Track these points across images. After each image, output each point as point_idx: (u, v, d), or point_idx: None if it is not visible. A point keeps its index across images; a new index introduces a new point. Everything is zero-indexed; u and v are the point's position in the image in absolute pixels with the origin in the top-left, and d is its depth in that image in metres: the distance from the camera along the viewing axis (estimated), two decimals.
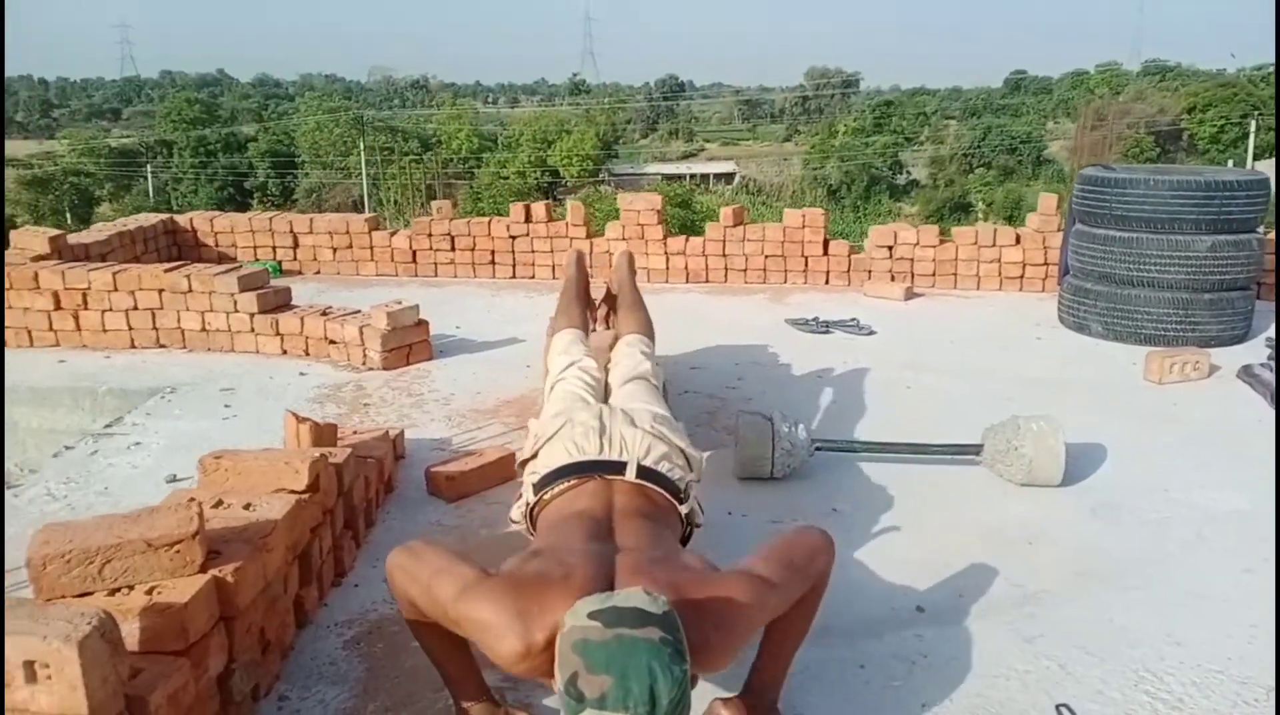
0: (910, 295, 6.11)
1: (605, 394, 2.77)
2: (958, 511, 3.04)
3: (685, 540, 2.28)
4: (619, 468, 2.20)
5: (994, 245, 6.27)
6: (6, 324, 4.70)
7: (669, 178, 42.03)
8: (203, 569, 1.84)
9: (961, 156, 43.31)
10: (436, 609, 1.79)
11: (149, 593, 1.77)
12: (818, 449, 3.29)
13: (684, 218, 19.58)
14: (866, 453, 3.36)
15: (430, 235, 6.50)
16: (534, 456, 2.36)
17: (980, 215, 34.91)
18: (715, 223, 6.59)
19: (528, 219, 6.50)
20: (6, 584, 2.35)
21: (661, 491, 2.20)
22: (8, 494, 3.11)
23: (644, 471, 2.21)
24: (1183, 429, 3.75)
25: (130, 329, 4.70)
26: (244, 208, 37.13)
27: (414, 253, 6.52)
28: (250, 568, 1.93)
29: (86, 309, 4.69)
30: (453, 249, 6.52)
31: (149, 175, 39.59)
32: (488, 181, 35.75)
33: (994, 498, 3.14)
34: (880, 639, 2.32)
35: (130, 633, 1.71)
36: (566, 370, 2.78)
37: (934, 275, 6.39)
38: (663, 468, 2.23)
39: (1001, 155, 41.57)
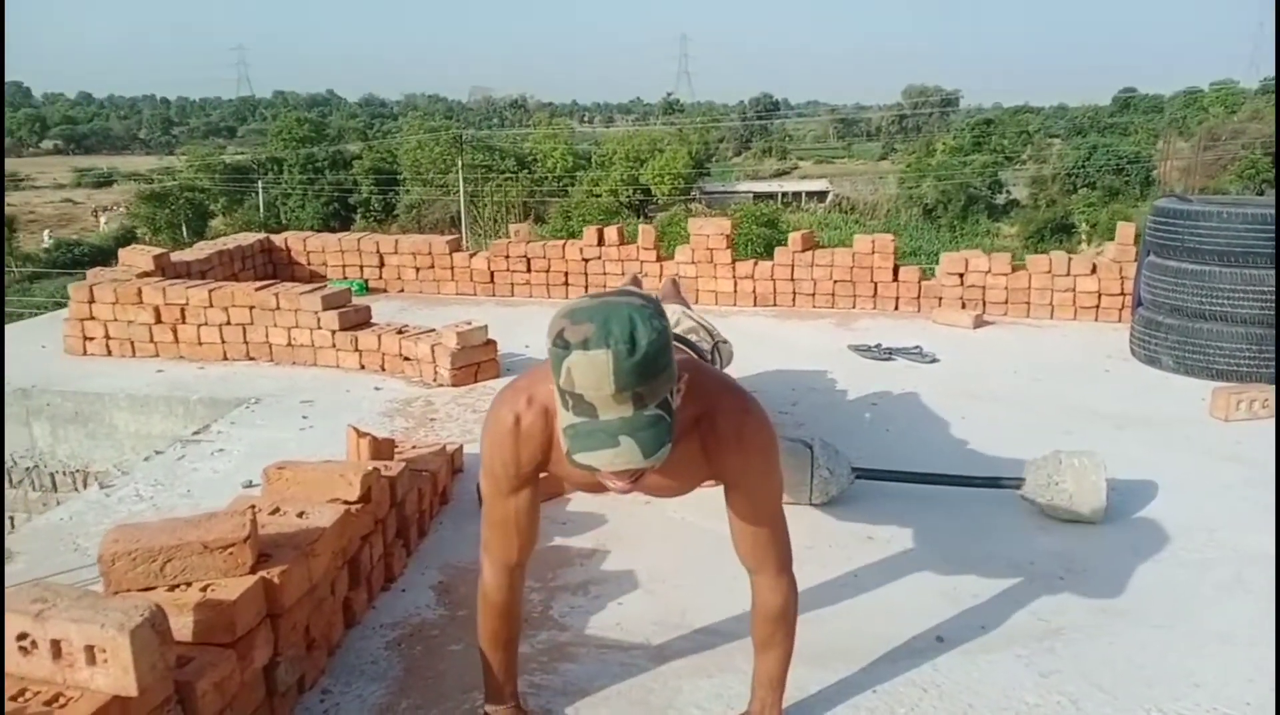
0: (980, 323, 6.08)
1: None
2: (992, 543, 3.06)
3: None
4: None
5: (1068, 274, 6.19)
6: (111, 336, 5.09)
7: (760, 196, 42.02)
8: (253, 570, 2.03)
9: (1065, 176, 42.13)
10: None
11: (203, 590, 1.96)
12: (858, 477, 3.35)
13: (769, 237, 19.59)
14: (907, 482, 3.40)
15: (507, 257, 6.75)
16: None
17: (1084, 237, 33.89)
18: (784, 247, 6.66)
19: (600, 242, 6.68)
20: (85, 577, 2.59)
21: (691, 353, 2.24)
22: (101, 493, 3.40)
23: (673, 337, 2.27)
24: (1243, 469, 3.68)
25: (223, 342, 5.03)
26: (347, 223, 38.54)
27: (491, 273, 6.78)
28: (296, 571, 2.12)
29: (184, 323, 5.04)
30: (528, 270, 6.75)
31: (260, 191, 41.40)
32: (580, 199, 36.35)
33: (1031, 531, 3.15)
34: (895, 665, 2.38)
35: (184, 625, 1.90)
36: None
37: (1006, 303, 6.34)
38: (692, 337, 2.27)
39: (1108, 175, 40.32)
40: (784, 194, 44.70)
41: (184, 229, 33.89)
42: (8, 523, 4.45)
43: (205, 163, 42.24)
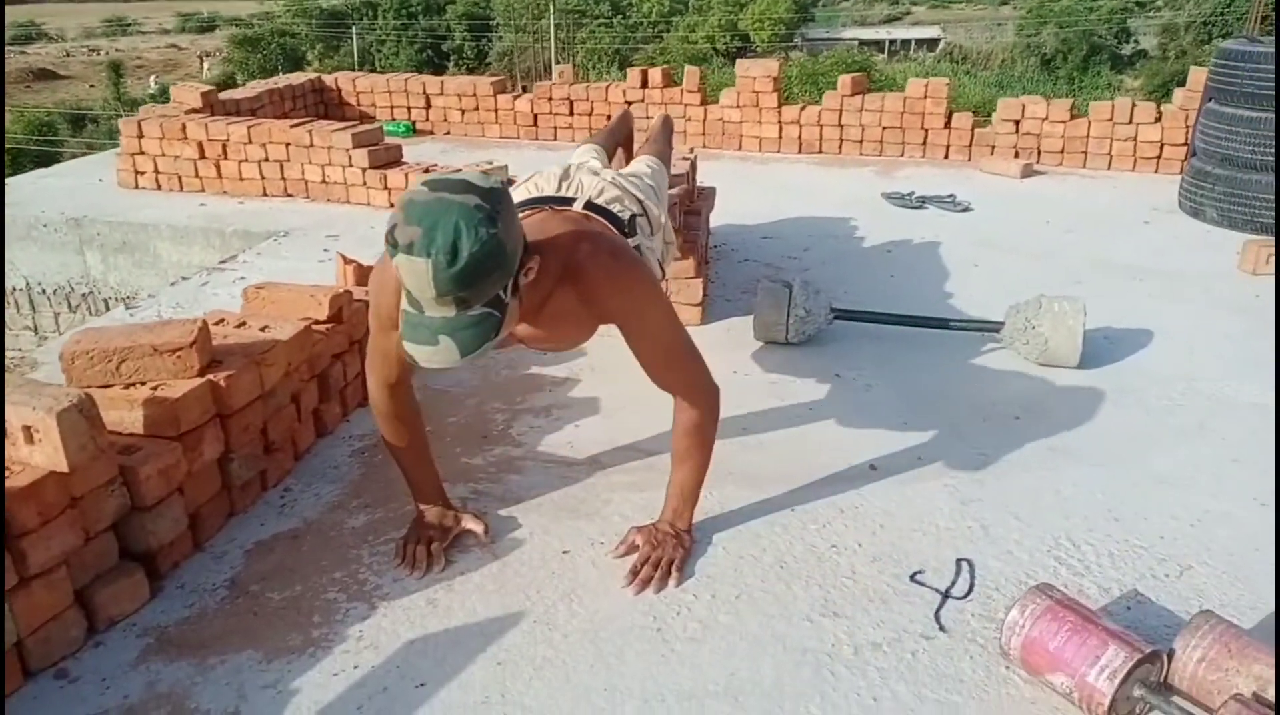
0: (1028, 173, 5.85)
1: None
2: (960, 384, 3.08)
3: None
4: (568, 203, 2.21)
5: (1130, 122, 5.87)
6: (160, 170, 5.33)
7: (866, 43, 39.99)
8: (201, 373, 2.21)
9: (1200, 25, 38.85)
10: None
11: (154, 389, 2.15)
12: (836, 318, 3.37)
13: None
14: (886, 324, 3.40)
15: (550, 99, 6.71)
16: None
17: None
18: (833, 91, 6.45)
19: (644, 84, 6.58)
20: None
21: (607, 224, 2.20)
22: (125, 313, 3.66)
23: (591, 206, 2.21)
24: (1251, 321, 3.56)
25: (262, 178, 5.22)
26: (440, 69, 38.27)
27: (535, 116, 6.76)
28: (245, 377, 2.29)
29: (226, 159, 5.23)
30: (571, 113, 6.72)
31: (354, 36, 41.33)
32: (675, 45, 35.25)
33: (1005, 375, 3.14)
34: (822, 489, 2.46)
35: (135, 418, 2.10)
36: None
37: (1062, 153, 6.07)
38: (614, 208, 2.25)
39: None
40: (892, 42, 42.43)
41: (279, 73, 34.24)
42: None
43: (302, 7, 42.20)
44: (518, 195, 2.33)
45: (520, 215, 2.20)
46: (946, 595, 2.05)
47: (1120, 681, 1.63)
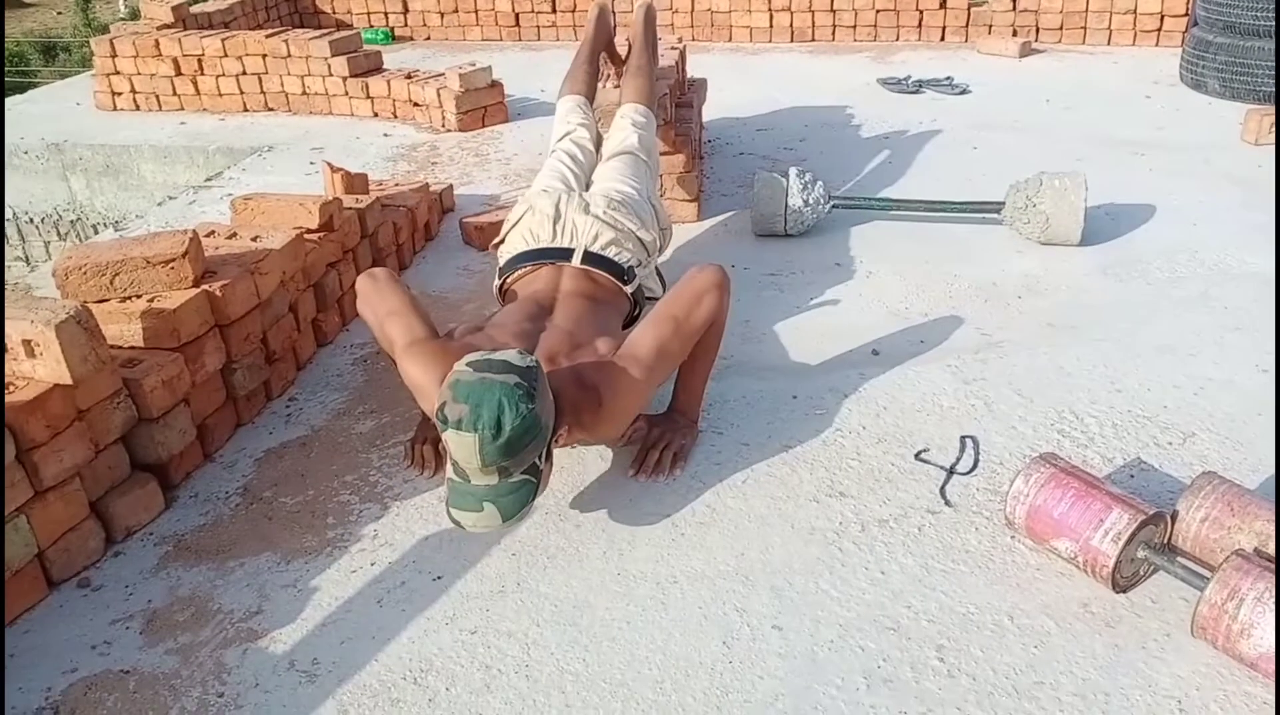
0: (1027, 51, 5.71)
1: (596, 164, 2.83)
2: (960, 266, 3.05)
3: (634, 314, 2.46)
4: (567, 254, 2.36)
5: None
6: (137, 89, 5.20)
7: None
8: (196, 283, 2.19)
9: None
10: (384, 341, 2.15)
11: (150, 301, 2.14)
12: (834, 207, 3.33)
13: None
14: (885, 209, 3.37)
15: None
16: (503, 241, 2.54)
17: None
18: None
19: None
20: None
21: (606, 275, 2.36)
22: (116, 234, 3.62)
23: (590, 257, 2.36)
24: (1252, 192, 3.52)
25: (242, 93, 5.10)
26: None
27: (516, 15, 6.57)
28: (240, 286, 2.27)
29: (203, 74, 5.10)
30: (554, 10, 6.52)
31: None
32: None
33: (1007, 254, 3.12)
34: (825, 376, 2.47)
35: (135, 332, 2.10)
36: (559, 142, 2.86)
37: (1061, 29, 5.92)
38: (610, 253, 2.38)
39: None
40: None
41: None
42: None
43: None
44: (517, 245, 2.44)
45: (526, 269, 2.39)
46: (951, 471, 2.07)
47: (1124, 543, 1.66)
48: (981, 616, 1.69)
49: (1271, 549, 1.65)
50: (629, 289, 2.40)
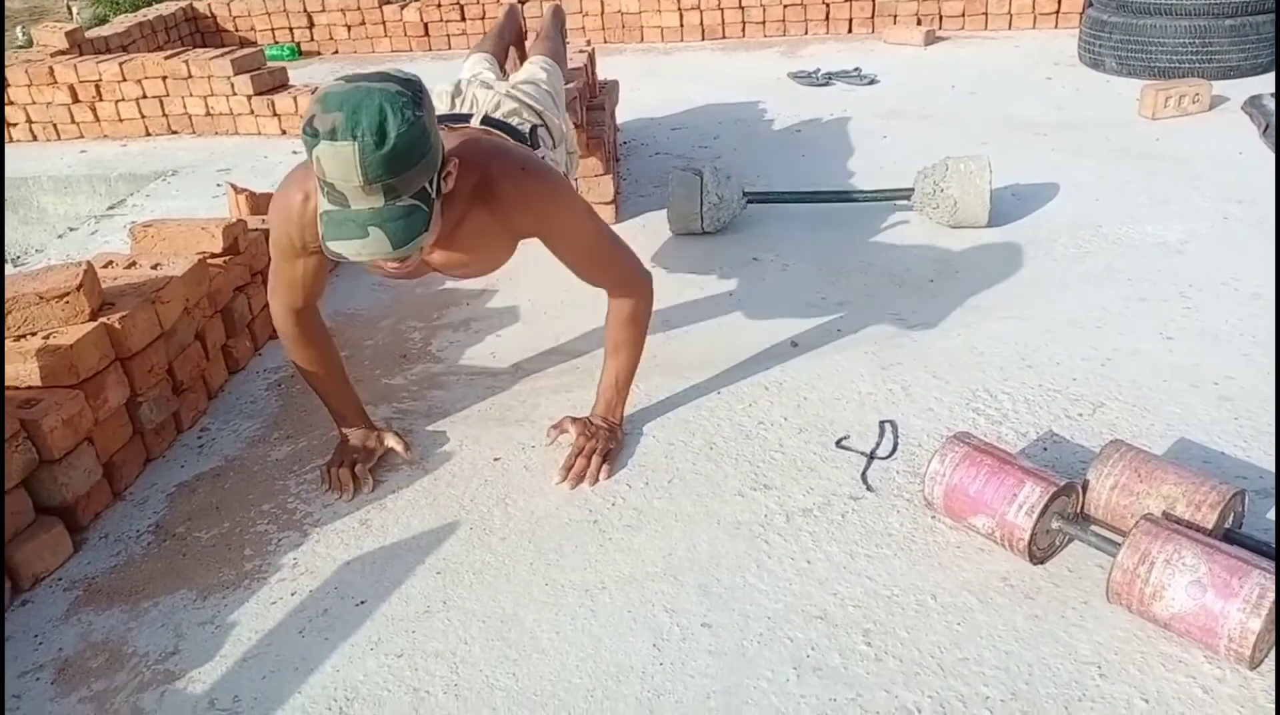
0: (932, 40, 5.83)
1: None
2: (874, 254, 3.10)
3: None
4: (465, 119, 2.18)
5: None
6: (33, 119, 5.00)
7: None
8: (93, 317, 2.12)
9: None
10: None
11: (46, 338, 2.06)
12: (749, 202, 3.35)
13: None
14: (798, 203, 3.40)
15: (439, 5, 6.45)
16: None
17: None
18: None
19: None
20: None
21: (507, 138, 2.15)
22: (15, 270, 3.48)
23: (488, 121, 2.17)
24: (1152, 165, 3.64)
25: (143, 117, 4.95)
26: None
27: (425, 25, 6.51)
28: (141, 316, 2.20)
29: (101, 100, 4.94)
30: (463, 19, 6.47)
31: None
32: None
33: (917, 240, 3.17)
34: (745, 369, 2.48)
35: (31, 371, 2.02)
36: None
37: (964, 16, 6.05)
38: (512, 121, 2.22)
39: None
40: None
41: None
42: None
43: None
44: None
45: None
46: (872, 456, 2.10)
47: (1038, 516, 1.69)
48: (905, 598, 1.71)
49: (1179, 511, 1.69)
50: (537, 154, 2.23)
